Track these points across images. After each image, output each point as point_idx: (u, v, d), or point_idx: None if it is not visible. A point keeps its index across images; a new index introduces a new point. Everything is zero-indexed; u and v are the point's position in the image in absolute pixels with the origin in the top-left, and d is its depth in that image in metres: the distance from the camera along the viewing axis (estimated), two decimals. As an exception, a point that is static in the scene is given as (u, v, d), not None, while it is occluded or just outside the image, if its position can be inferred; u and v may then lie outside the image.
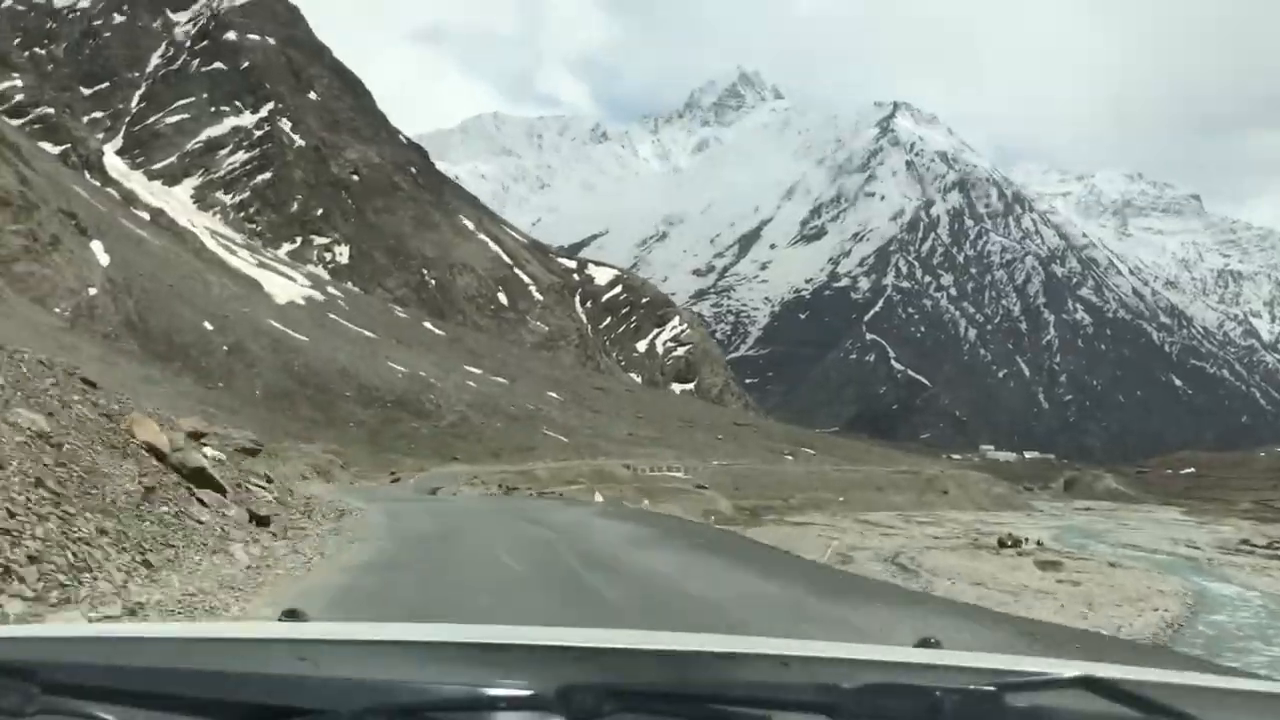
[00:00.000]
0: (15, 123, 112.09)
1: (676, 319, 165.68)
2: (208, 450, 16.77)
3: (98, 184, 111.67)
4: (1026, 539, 43.75)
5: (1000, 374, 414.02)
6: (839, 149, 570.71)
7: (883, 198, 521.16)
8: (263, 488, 17.45)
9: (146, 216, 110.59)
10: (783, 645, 1.79)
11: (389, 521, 19.66)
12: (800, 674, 1.66)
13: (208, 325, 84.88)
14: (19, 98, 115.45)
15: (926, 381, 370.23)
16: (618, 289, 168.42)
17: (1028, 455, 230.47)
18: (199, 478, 14.09)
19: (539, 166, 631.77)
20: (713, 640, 1.84)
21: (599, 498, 44.90)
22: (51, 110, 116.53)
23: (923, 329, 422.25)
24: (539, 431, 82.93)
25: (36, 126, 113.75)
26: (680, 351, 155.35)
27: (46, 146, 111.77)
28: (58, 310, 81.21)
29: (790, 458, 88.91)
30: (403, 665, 1.72)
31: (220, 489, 14.56)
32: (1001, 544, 40.69)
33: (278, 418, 68.78)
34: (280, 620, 2.24)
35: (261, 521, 14.62)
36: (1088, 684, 1.54)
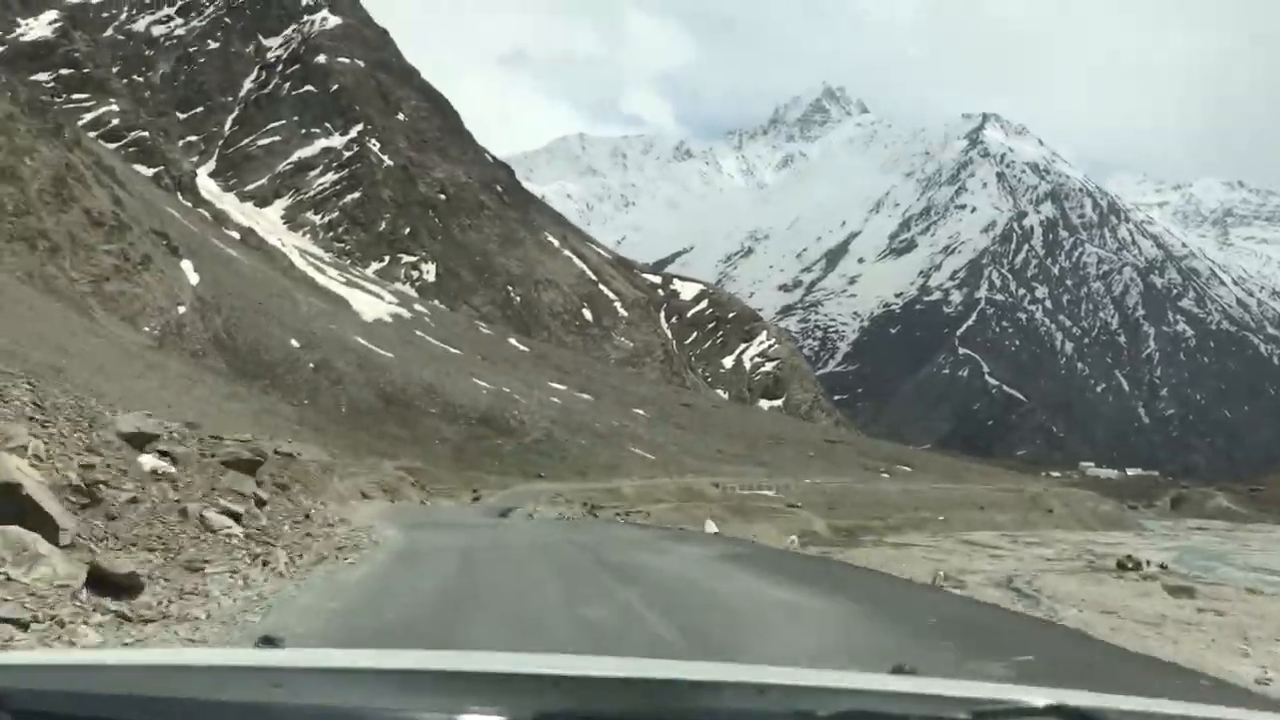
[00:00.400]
0: (111, 146, 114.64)
1: (764, 334, 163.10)
2: (147, 459, 13.08)
3: (189, 205, 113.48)
4: (1147, 561, 40.47)
5: (1098, 388, 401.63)
6: (927, 161, 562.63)
7: (973, 210, 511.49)
8: (231, 513, 13.00)
9: (236, 236, 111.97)
10: (759, 673, 1.78)
11: (390, 571, 13.69)
12: (776, 702, 1.64)
13: (295, 343, 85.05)
14: (115, 122, 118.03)
15: (1022, 396, 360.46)
16: (703, 304, 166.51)
17: (1130, 472, 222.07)
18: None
19: (624, 185, 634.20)
20: (689, 668, 1.86)
21: (712, 527, 36.89)
22: (146, 134, 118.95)
23: (1017, 342, 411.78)
24: (624, 449, 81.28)
25: (132, 150, 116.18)
26: (768, 367, 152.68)
27: (141, 169, 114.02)
28: (147, 329, 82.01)
29: (886, 476, 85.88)
30: (378, 693, 1.72)
31: (46, 521, 8.75)
32: (1121, 566, 37.49)
33: (361, 434, 68.19)
34: (256, 647, 2.21)
35: (120, 586, 8.41)
36: (1062, 713, 1.54)
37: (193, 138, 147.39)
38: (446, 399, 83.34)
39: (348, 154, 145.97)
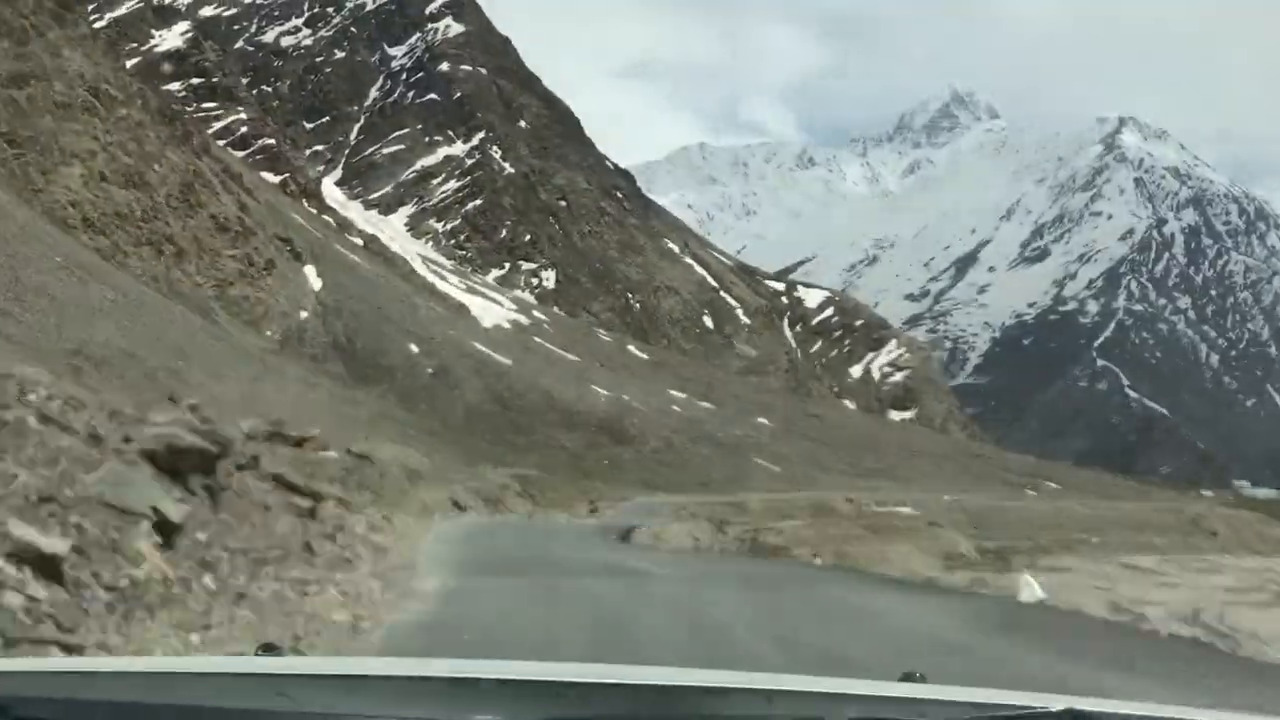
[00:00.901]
0: (239, 154, 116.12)
1: (893, 342, 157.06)
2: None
3: (314, 211, 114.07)
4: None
5: (1248, 403, 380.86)
6: (1060, 167, 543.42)
7: (1110, 217, 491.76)
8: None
9: (359, 242, 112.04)
10: (767, 680, 1.78)
11: None
12: (785, 708, 1.63)
13: (414, 348, 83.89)
14: (243, 130, 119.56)
15: (1165, 411, 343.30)
16: (829, 311, 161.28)
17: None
18: None
19: (744, 194, 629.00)
20: (696, 675, 1.84)
21: (1036, 591, 26.78)
22: (273, 141, 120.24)
23: (1159, 355, 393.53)
24: (748, 460, 77.65)
25: (258, 157, 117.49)
26: (898, 377, 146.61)
27: (267, 176, 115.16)
28: (269, 333, 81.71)
29: (1031, 493, 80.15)
30: (381, 700, 1.70)
31: None
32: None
33: (477, 441, 66.18)
34: (258, 655, 2.20)
35: None
36: (1073, 718, 1.53)
37: (319, 146, 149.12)
38: (564, 406, 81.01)
39: (469, 161, 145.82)
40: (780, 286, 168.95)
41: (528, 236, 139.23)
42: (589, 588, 14.56)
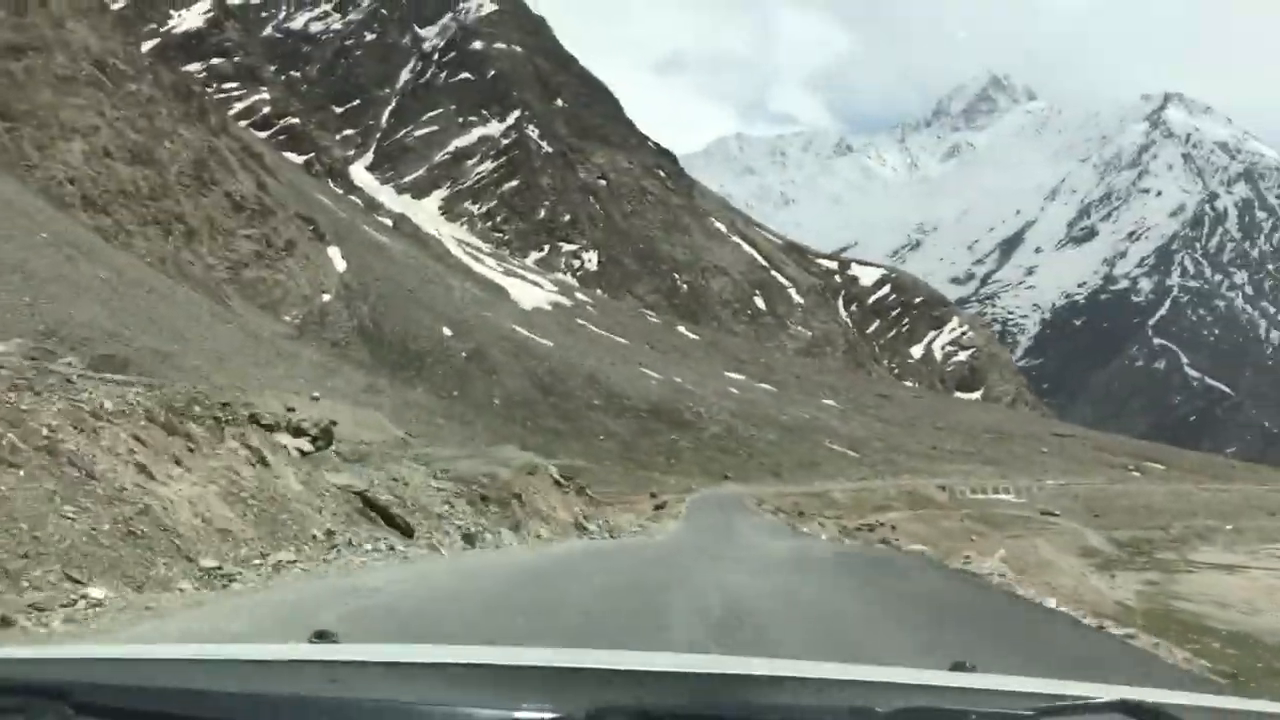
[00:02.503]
0: (262, 134, 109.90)
1: (955, 320, 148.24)
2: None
3: (340, 192, 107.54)
4: None
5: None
6: (1105, 145, 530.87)
7: (1159, 194, 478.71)
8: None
9: (389, 223, 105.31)
10: (815, 669, 1.76)
11: None
12: (833, 697, 1.63)
13: (447, 331, 76.95)
14: (266, 110, 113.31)
15: (1227, 389, 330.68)
16: (885, 289, 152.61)
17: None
18: None
19: (783, 183, 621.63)
20: (744, 663, 1.84)
21: None
22: (297, 121, 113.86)
23: (1217, 332, 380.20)
24: (819, 444, 69.98)
25: (282, 137, 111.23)
26: (962, 356, 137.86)
27: (291, 156, 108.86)
28: (287, 318, 75.22)
29: (1137, 474, 71.91)
30: (432, 687, 1.73)
31: None
32: None
33: (515, 428, 59.02)
34: (311, 642, 2.23)
35: None
36: (1126, 708, 1.51)
37: (349, 131, 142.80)
38: (611, 390, 73.69)
39: (505, 141, 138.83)
40: (833, 265, 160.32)
41: (567, 217, 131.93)
42: None
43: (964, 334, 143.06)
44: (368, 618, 7.56)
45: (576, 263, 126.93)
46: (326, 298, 79.36)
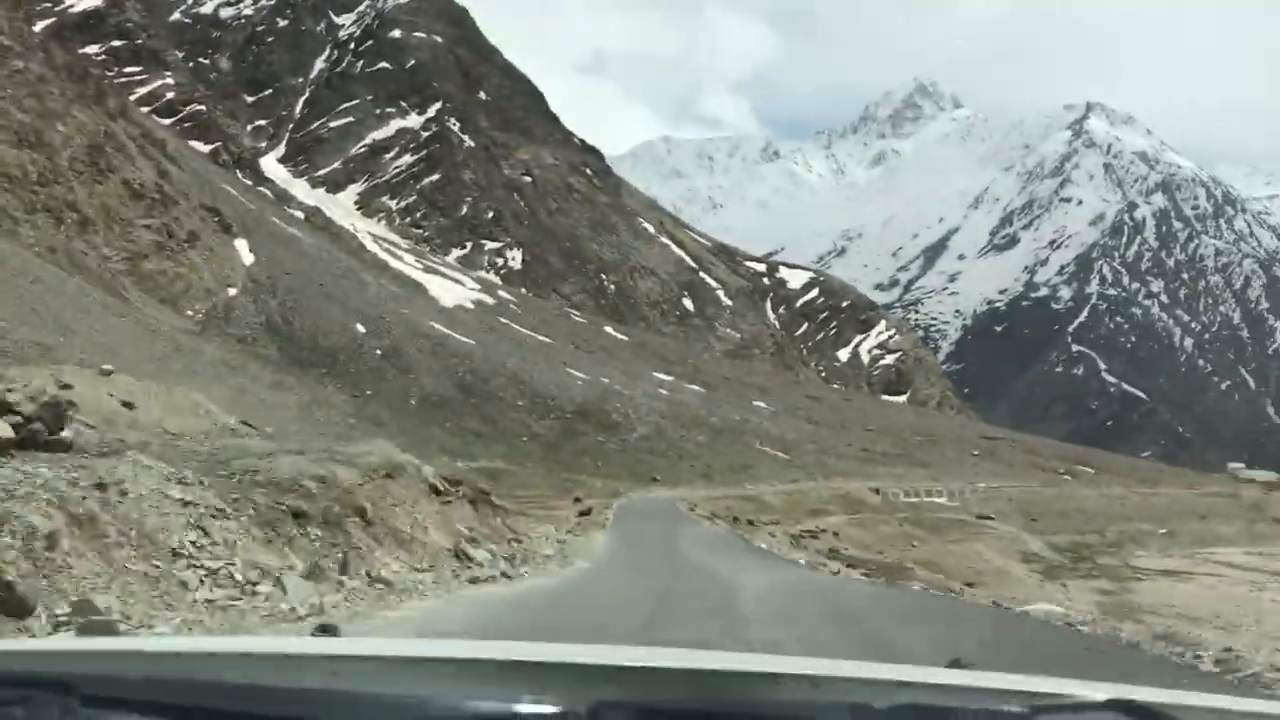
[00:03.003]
0: (166, 121, 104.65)
1: (882, 324, 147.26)
2: None
3: (249, 182, 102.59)
4: None
5: (1223, 386, 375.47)
6: (1028, 154, 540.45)
7: (1080, 202, 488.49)
8: None
9: (300, 215, 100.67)
10: (814, 665, 1.77)
11: None
12: (831, 694, 1.64)
13: (360, 327, 72.98)
14: (170, 96, 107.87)
15: (1143, 395, 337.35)
16: (813, 293, 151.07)
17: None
18: None
19: (710, 187, 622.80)
20: (744, 659, 1.86)
21: None
22: (203, 108, 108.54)
23: (1133, 339, 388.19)
24: (751, 447, 67.41)
25: (187, 125, 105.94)
26: (889, 360, 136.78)
27: (197, 145, 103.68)
28: (190, 312, 70.71)
29: (1067, 477, 70.54)
30: (433, 682, 1.73)
31: None
32: None
33: (433, 429, 55.47)
34: (313, 636, 2.21)
35: None
36: (1121, 707, 1.52)
37: (261, 121, 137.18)
38: (536, 390, 70.36)
39: (425, 134, 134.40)
40: (761, 267, 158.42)
41: (490, 214, 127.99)
42: None
43: (891, 338, 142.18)
44: None
45: (500, 261, 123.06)
46: (232, 292, 74.93)
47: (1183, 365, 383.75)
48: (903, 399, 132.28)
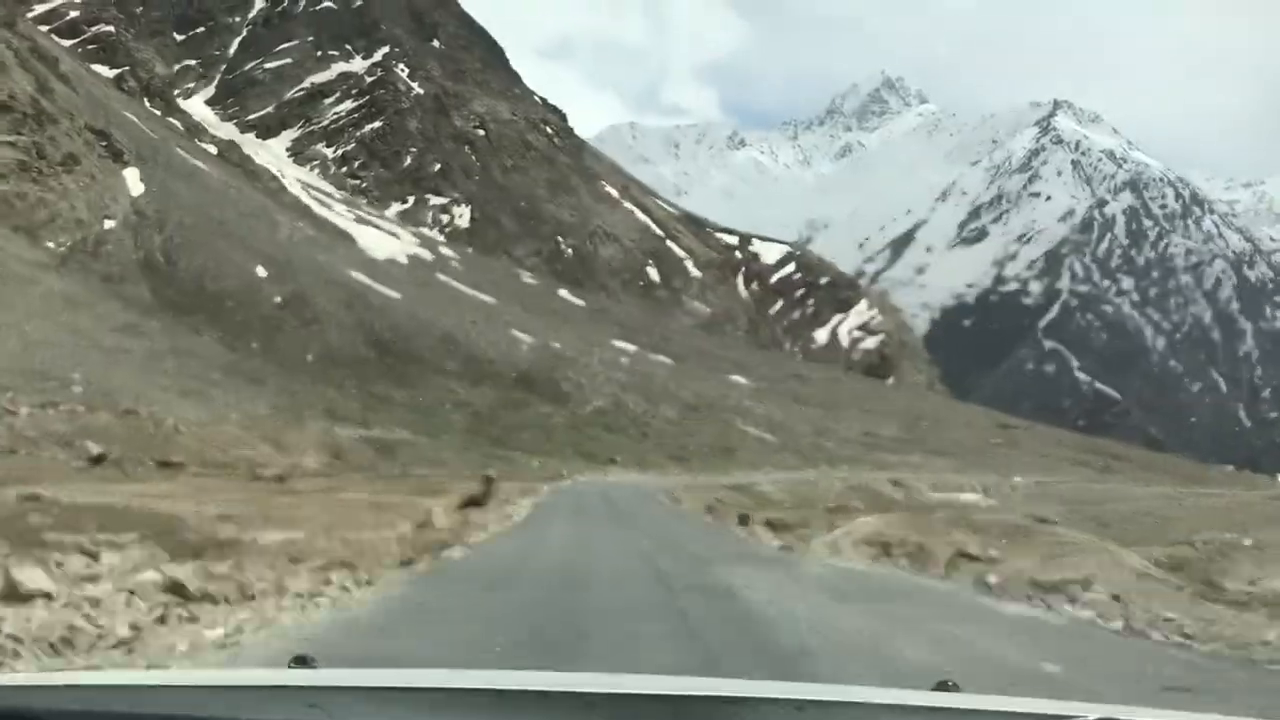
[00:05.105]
0: (67, 43, 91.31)
1: (863, 303, 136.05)
2: None
3: (159, 112, 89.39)
4: None
5: (1194, 387, 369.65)
6: (995, 150, 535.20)
7: (1049, 198, 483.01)
8: None
9: (213, 150, 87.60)
10: (798, 689, 1.75)
11: None
12: (816, 718, 1.62)
13: (260, 271, 60.54)
14: (73, 14, 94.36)
15: (1116, 394, 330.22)
16: (789, 268, 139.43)
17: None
18: None
19: (676, 174, 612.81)
20: (728, 685, 1.82)
21: None
22: (111, 29, 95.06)
23: (1104, 336, 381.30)
24: (732, 426, 55.89)
25: (91, 47, 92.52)
26: (870, 343, 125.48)
27: (102, 69, 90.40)
28: (51, 244, 57.80)
29: (1107, 472, 59.45)
30: (414, 712, 1.69)
31: None
32: None
33: (327, 390, 43.29)
34: (290, 667, 2.18)
35: None
36: None
37: (190, 61, 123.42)
38: (471, 353, 58.40)
39: (370, 79, 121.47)
40: (734, 240, 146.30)
41: (437, 166, 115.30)
42: None
43: (873, 318, 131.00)
44: None
45: (445, 217, 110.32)
46: (110, 224, 62.23)
47: (1155, 365, 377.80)
48: (888, 384, 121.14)
